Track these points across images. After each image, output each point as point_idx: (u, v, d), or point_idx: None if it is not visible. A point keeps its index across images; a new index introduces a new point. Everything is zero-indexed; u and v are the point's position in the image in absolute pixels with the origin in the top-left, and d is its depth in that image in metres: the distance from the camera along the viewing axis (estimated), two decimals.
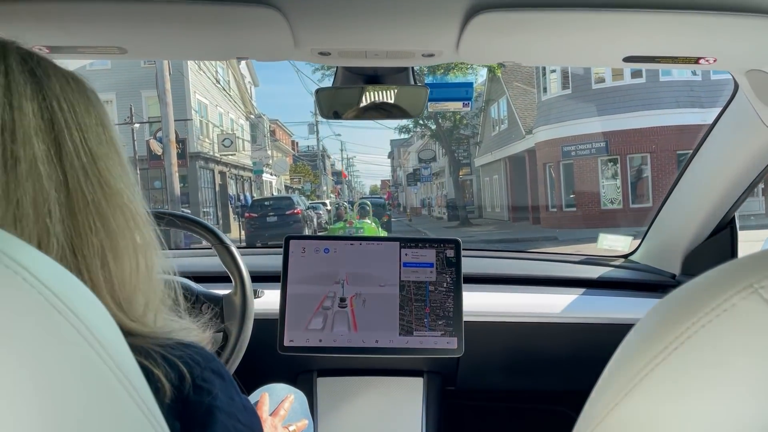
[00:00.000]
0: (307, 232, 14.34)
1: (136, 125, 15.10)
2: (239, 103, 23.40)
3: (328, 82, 1.21)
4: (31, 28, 0.83)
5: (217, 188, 19.63)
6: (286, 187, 30.93)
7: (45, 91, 0.50)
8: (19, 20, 0.80)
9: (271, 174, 27.00)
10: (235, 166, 21.78)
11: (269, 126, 28.40)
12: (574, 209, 14.90)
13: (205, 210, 17.96)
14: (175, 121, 13.54)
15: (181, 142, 15.33)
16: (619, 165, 14.37)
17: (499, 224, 18.57)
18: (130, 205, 0.54)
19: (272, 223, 14.46)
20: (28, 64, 0.50)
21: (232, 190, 21.38)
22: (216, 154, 19.39)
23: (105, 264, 0.51)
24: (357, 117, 1.16)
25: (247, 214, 15.63)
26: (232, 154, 20.22)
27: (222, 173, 20.26)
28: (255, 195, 22.58)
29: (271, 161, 26.11)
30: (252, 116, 25.03)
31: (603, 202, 14.63)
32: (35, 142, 0.48)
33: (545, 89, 15.74)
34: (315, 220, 17.28)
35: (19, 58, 0.49)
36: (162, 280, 0.57)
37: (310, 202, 22.68)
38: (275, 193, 25.00)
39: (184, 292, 1.11)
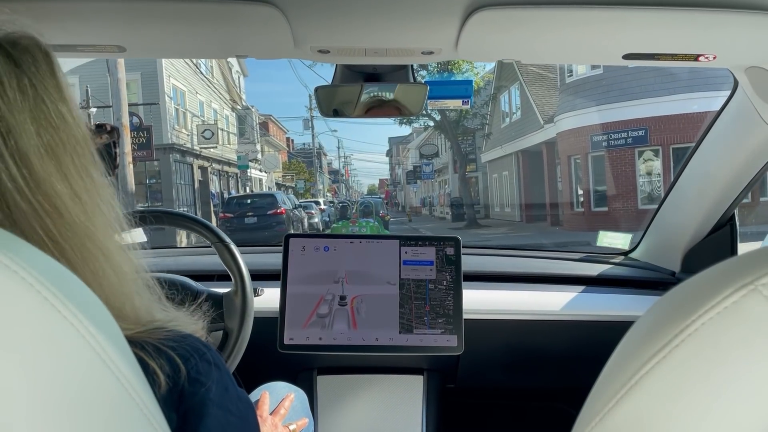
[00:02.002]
0: None
1: (93, 110, 13.25)
2: (224, 94, 22.82)
3: (320, 69, 1.30)
4: (30, 27, 0.93)
5: (197, 185, 18.98)
6: (277, 184, 30.45)
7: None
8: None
9: (261, 170, 26.62)
10: (219, 161, 21.20)
11: (259, 119, 27.70)
12: (606, 209, 13.85)
13: (181, 209, 16.86)
14: (140, 105, 11.86)
15: (146, 131, 14.42)
16: (660, 157, 13.17)
17: (510, 225, 18.28)
18: (112, 214, 0.56)
19: (251, 225, 13.68)
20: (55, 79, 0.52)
21: (214, 187, 20.80)
22: (195, 147, 18.71)
23: (106, 282, 0.53)
24: (356, 115, 1.25)
25: (221, 214, 14.74)
26: (213, 147, 19.59)
27: (203, 168, 19.70)
28: (241, 193, 22.08)
29: (260, 156, 25.66)
30: (239, 108, 24.55)
31: (641, 200, 13.49)
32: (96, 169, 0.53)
33: (570, 70, 14.55)
34: (306, 220, 16.51)
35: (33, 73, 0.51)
36: (145, 276, 0.60)
37: (301, 200, 22.05)
38: (266, 191, 24.39)
39: (183, 290, 1.24)
